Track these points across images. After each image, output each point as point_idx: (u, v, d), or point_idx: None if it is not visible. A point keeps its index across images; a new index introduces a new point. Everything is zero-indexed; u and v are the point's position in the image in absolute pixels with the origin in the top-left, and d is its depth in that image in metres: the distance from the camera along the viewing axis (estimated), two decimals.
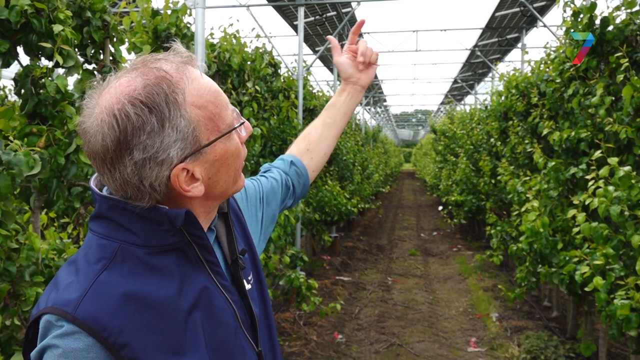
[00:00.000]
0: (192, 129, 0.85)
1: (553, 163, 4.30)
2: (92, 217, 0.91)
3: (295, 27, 10.74)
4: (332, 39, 1.48)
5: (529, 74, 5.85)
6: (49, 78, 2.41)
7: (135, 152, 0.83)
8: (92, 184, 0.93)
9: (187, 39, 3.53)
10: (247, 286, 1.04)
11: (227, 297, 0.96)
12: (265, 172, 1.36)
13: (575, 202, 3.66)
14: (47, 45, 2.35)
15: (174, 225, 0.87)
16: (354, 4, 9.15)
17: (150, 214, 0.86)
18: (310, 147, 1.39)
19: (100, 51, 2.90)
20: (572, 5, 4.09)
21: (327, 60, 14.34)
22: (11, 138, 2.16)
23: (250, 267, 1.10)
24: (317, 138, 1.40)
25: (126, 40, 3.17)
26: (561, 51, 4.55)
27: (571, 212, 3.56)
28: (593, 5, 3.91)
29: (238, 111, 0.96)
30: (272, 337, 1.10)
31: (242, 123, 0.96)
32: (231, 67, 4.45)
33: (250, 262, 1.11)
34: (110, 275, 0.84)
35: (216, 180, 0.92)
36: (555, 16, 33.18)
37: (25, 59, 2.47)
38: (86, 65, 2.88)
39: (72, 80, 2.74)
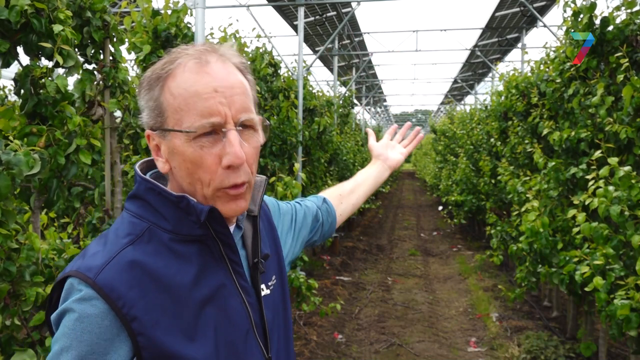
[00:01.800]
0: (158, 106, 0.93)
1: (553, 163, 4.30)
2: (129, 196, 0.98)
3: (295, 27, 10.74)
4: (369, 131, 1.67)
5: (529, 74, 5.85)
6: (49, 78, 2.41)
7: (139, 97, 0.98)
8: (137, 166, 1.00)
9: (187, 39, 3.53)
10: (266, 291, 1.05)
11: (244, 298, 0.97)
12: (298, 201, 1.41)
13: (575, 202, 3.66)
14: (47, 45, 2.35)
15: (199, 218, 0.91)
16: (354, 4, 9.15)
17: (182, 203, 0.91)
18: (342, 195, 1.50)
19: (100, 51, 2.90)
20: (572, 5, 4.09)
21: (327, 60, 14.34)
22: (11, 138, 2.16)
23: (275, 274, 1.11)
24: (349, 191, 1.52)
25: (126, 40, 3.17)
26: (561, 51, 4.55)
27: (571, 212, 3.56)
28: (593, 5, 3.91)
29: (234, 135, 0.90)
30: (289, 347, 1.11)
31: (194, 135, 0.90)
32: None
33: (277, 270, 1.12)
34: (134, 250, 0.89)
35: (178, 174, 0.94)
36: (555, 16, 33.19)
37: (25, 59, 2.47)
38: (86, 65, 2.88)
39: (72, 80, 2.74)
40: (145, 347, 0.84)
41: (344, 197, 1.50)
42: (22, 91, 2.40)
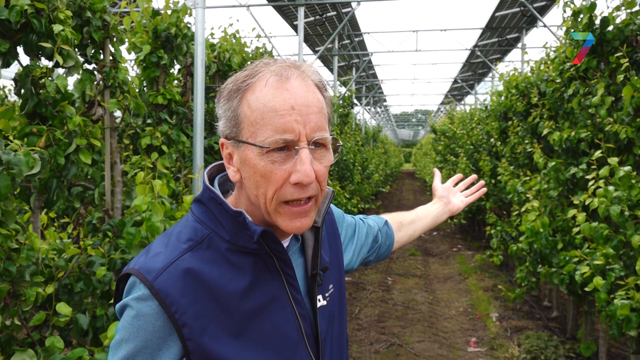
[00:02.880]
0: (235, 117, 0.96)
1: (553, 163, 4.30)
2: (195, 199, 1.02)
3: (295, 27, 10.74)
4: (437, 171, 1.75)
5: (529, 74, 5.85)
6: (49, 78, 2.41)
7: (217, 105, 1.01)
8: (206, 172, 1.05)
9: (187, 39, 3.53)
10: (322, 302, 1.06)
11: (296, 309, 0.99)
12: (362, 218, 1.43)
13: (576, 202, 3.66)
14: (47, 45, 2.35)
15: (253, 237, 0.94)
16: (354, 4, 9.15)
17: (239, 218, 0.95)
18: (402, 223, 1.55)
19: (100, 51, 2.90)
20: (572, 5, 4.09)
21: (327, 60, 14.35)
22: (11, 138, 2.16)
23: (334, 283, 1.13)
24: (409, 221, 1.57)
25: (126, 40, 3.17)
26: (561, 51, 4.55)
27: (571, 212, 3.56)
28: (593, 5, 3.91)
29: (306, 154, 0.92)
30: (342, 356, 1.12)
31: (262, 150, 0.92)
32: (231, 67, 4.45)
33: (336, 279, 1.14)
34: (191, 257, 0.93)
35: (247, 185, 0.97)
36: (555, 16, 33.19)
37: (25, 59, 2.47)
38: (86, 65, 2.87)
39: (72, 80, 2.74)
40: (194, 351, 0.90)
41: (404, 225, 1.54)
42: (22, 91, 2.40)
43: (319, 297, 1.06)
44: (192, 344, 0.89)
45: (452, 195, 1.65)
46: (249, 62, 4.72)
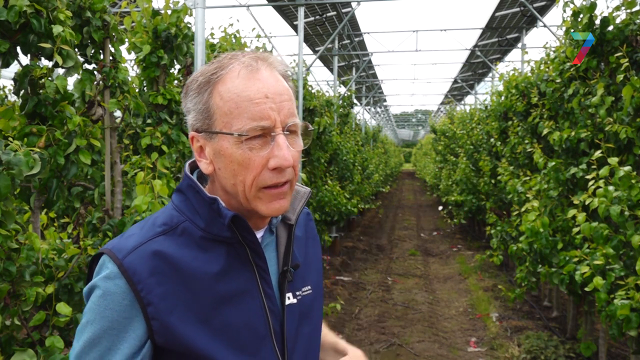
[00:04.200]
0: (207, 109, 0.97)
1: (553, 163, 4.30)
2: (176, 188, 1.04)
3: (295, 27, 10.74)
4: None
5: (529, 74, 5.85)
6: (49, 78, 2.41)
7: (185, 99, 1.02)
8: (188, 163, 1.06)
9: (187, 39, 3.52)
10: (292, 300, 1.05)
11: (265, 303, 0.99)
12: None
13: (576, 202, 3.66)
14: (47, 45, 2.35)
15: (224, 222, 0.96)
16: (354, 4, 9.15)
17: (214, 205, 0.96)
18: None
19: (100, 51, 2.90)
20: (572, 5, 4.09)
21: (327, 60, 14.35)
22: (11, 138, 2.16)
23: (312, 285, 1.11)
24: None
25: (126, 40, 3.17)
26: (561, 51, 4.54)
27: (571, 212, 3.56)
28: (593, 5, 3.91)
29: (282, 139, 0.94)
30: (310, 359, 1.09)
31: (244, 138, 0.93)
32: None
33: (314, 282, 1.13)
34: (164, 240, 0.95)
35: (222, 175, 0.98)
36: (555, 16, 33.18)
37: (25, 59, 2.47)
38: (86, 65, 2.87)
39: (72, 81, 2.74)
40: (158, 332, 0.90)
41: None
42: (22, 91, 2.40)
43: (289, 294, 1.05)
44: (156, 324, 0.90)
45: None
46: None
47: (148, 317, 0.90)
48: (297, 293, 1.07)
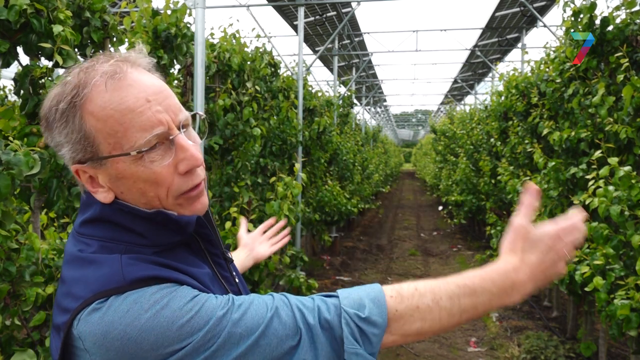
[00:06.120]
0: (84, 136, 0.84)
1: (553, 163, 4.30)
2: (86, 221, 0.89)
3: (295, 27, 10.74)
4: (243, 220, 1.66)
5: (529, 74, 5.85)
6: (49, 78, 2.41)
7: (51, 134, 0.87)
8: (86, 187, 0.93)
9: (187, 39, 3.52)
10: (237, 280, 1.06)
11: (227, 287, 0.98)
12: None
13: (576, 202, 3.66)
14: (47, 45, 2.35)
15: (185, 230, 0.90)
16: (354, 4, 9.15)
17: (157, 217, 0.87)
18: None
19: (100, 51, 2.90)
20: (572, 5, 4.09)
21: (327, 60, 14.35)
22: (11, 138, 2.16)
23: (237, 275, 1.10)
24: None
25: (126, 40, 3.17)
26: (561, 51, 4.54)
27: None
28: (593, 5, 3.91)
29: (183, 139, 0.87)
30: None
31: (151, 148, 0.84)
32: (231, 67, 4.45)
33: (237, 272, 1.12)
34: (130, 258, 0.83)
35: (129, 197, 0.88)
36: (555, 16, 33.18)
37: (25, 59, 2.47)
38: None
39: None
40: None
41: None
42: (22, 91, 2.39)
43: (234, 273, 1.04)
44: None
45: (257, 243, 1.56)
46: (248, 62, 4.71)
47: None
48: (234, 274, 1.06)
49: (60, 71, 2.52)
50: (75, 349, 0.80)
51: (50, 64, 2.44)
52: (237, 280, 1.04)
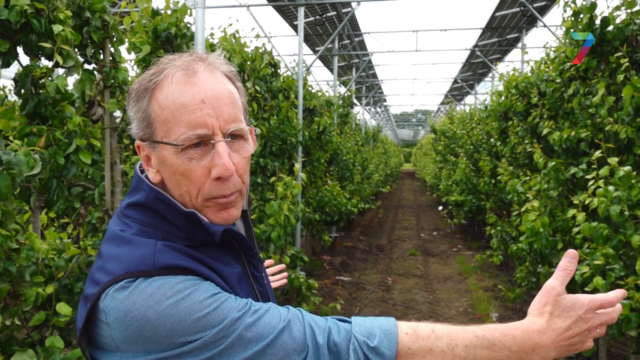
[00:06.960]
0: (147, 117, 0.93)
1: (553, 163, 4.30)
2: (132, 204, 0.95)
3: (295, 27, 10.73)
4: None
5: (529, 74, 5.84)
6: (49, 78, 2.41)
7: (127, 108, 0.98)
8: (137, 168, 1.01)
9: (187, 39, 3.52)
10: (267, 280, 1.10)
11: (255, 287, 1.01)
12: None
13: (575, 202, 3.66)
14: (47, 45, 2.35)
15: (212, 237, 0.93)
16: (354, 4, 9.15)
17: (192, 217, 0.92)
18: None
19: (100, 51, 2.90)
20: (572, 5, 4.09)
21: (327, 60, 14.34)
22: (11, 138, 2.16)
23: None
24: None
25: (126, 40, 3.17)
26: (561, 51, 4.54)
27: (571, 212, 3.56)
28: (593, 5, 3.91)
29: (222, 147, 0.90)
30: None
31: (178, 148, 0.90)
32: None
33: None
34: (164, 245, 0.89)
35: (169, 185, 0.94)
36: (555, 16, 33.16)
37: (25, 59, 2.47)
38: (86, 65, 2.87)
39: (72, 80, 2.74)
40: None
41: None
42: (22, 91, 2.39)
43: (264, 274, 1.07)
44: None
45: None
46: (248, 62, 4.71)
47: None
48: (263, 274, 1.09)
49: (61, 71, 2.52)
50: (98, 321, 0.85)
51: (50, 64, 2.44)
52: (265, 282, 1.06)
